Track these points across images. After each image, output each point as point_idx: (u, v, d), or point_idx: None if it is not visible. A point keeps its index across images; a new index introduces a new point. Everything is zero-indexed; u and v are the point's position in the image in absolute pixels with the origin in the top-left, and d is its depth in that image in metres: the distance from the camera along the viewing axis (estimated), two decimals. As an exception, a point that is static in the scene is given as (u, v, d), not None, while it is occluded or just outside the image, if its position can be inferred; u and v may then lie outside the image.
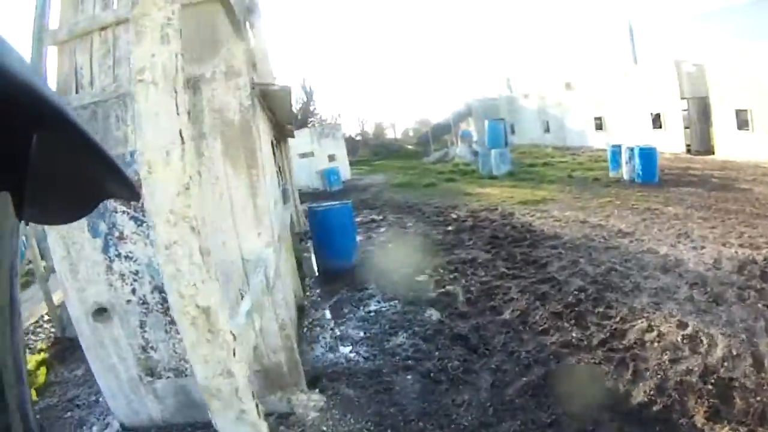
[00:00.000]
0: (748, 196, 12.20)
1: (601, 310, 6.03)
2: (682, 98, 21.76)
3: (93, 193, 0.43)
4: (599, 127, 27.96)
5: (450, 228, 11.68)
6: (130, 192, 0.43)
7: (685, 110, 21.94)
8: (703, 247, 8.10)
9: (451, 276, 8.06)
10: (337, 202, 10.16)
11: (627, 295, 6.43)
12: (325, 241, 9.27)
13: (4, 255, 0.30)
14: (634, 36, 28.91)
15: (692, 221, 9.92)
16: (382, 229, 12.56)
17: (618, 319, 5.76)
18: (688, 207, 11.35)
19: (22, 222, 0.37)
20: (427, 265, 8.70)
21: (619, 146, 16.27)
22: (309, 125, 38.55)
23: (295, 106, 46.80)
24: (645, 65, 24.17)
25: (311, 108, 47.61)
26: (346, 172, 26.19)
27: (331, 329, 6.57)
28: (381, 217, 14.23)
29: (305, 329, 6.66)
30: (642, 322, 5.59)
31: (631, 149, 15.28)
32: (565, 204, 12.99)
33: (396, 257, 9.45)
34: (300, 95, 47.56)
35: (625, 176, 15.61)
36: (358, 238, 11.44)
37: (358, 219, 14.30)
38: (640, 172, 14.97)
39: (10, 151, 0.29)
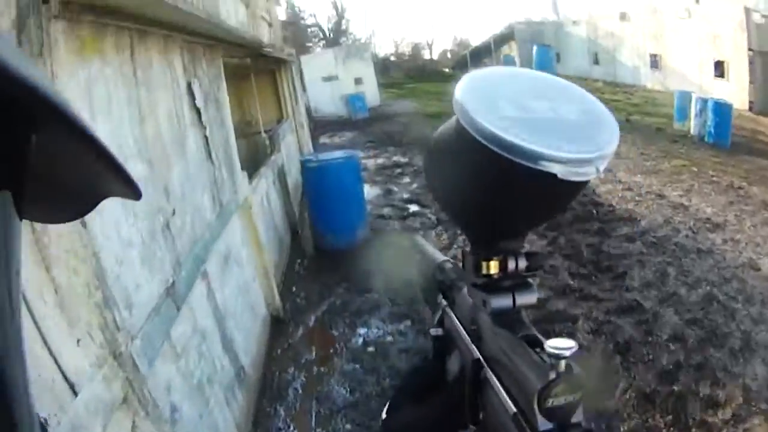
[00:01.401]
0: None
1: (706, 392, 3.79)
2: (749, 50, 18.70)
3: (94, 192, 0.39)
4: (655, 65, 24.79)
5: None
6: (131, 190, 0.38)
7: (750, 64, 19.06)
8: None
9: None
10: (340, 153, 7.61)
11: (736, 357, 4.20)
12: (322, 209, 6.91)
13: (4, 253, 0.29)
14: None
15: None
16: (406, 179, 10.07)
17: (728, 413, 3.59)
18: (776, 191, 8.91)
19: None
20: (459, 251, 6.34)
21: (689, 93, 13.92)
22: (341, 44, 35.72)
23: (326, 26, 44.02)
24: (710, 6, 20.71)
25: (343, 27, 44.47)
26: (374, 97, 23.38)
27: (306, 377, 4.35)
28: (406, 160, 11.72)
29: (275, 368, 4.48)
30: (758, 424, 3.46)
31: (704, 101, 12.90)
32: (632, 162, 10.48)
33: (416, 234, 7.12)
34: (331, 13, 44.52)
35: (693, 131, 13.27)
36: (374, 191, 9.12)
37: (380, 160, 11.96)
38: (712, 131, 12.62)
39: (10, 150, 0.29)
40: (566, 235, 6.55)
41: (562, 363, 0.47)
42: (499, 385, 0.58)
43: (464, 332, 0.71)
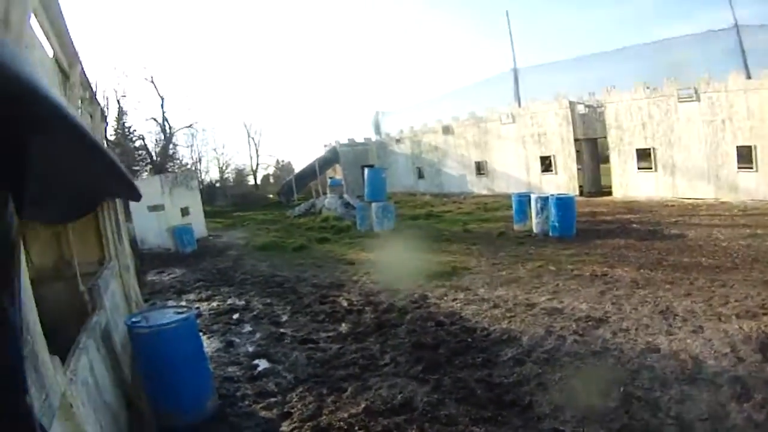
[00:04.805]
0: (688, 243, 11.38)
1: None
2: (575, 139, 21.96)
3: (94, 193, 0.45)
4: (480, 171, 27.71)
5: (344, 327, 8.12)
6: (130, 191, 0.39)
7: (578, 152, 22.33)
8: (701, 328, 6.34)
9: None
10: (171, 312, 6.15)
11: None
12: (158, 383, 5.58)
13: (5, 253, 0.25)
14: (519, 80, 28.37)
15: (659, 288, 8.20)
16: (247, 329, 8.84)
17: None
18: (639, 267, 9.74)
19: None
20: (330, 421, 5.27)
21: (527, 195, 14.85)
22: (168, 170, 34.15)
23: (154, 149, 41.84)
24: (535, 107, 24.45)
25: (170, 151, 42.86)
26: (201, 227, 22.17)
27: None
28: (243, 303, 10.56)
29: None
30: None
31: (545, 199, 13.74)
32: (487, 275, 10.36)
33: (268, 400, 6.05)
34: (159, 136, 42.58)
35: (536, 229, 14.00)
36: (212, 344, 7.93)
37: (213, 304, 10.70)
38: (557, 224, 13.42)
39: (11, 151, 0.28)
40: (447, 372, 5.84)
41: None
42: None
43: None
